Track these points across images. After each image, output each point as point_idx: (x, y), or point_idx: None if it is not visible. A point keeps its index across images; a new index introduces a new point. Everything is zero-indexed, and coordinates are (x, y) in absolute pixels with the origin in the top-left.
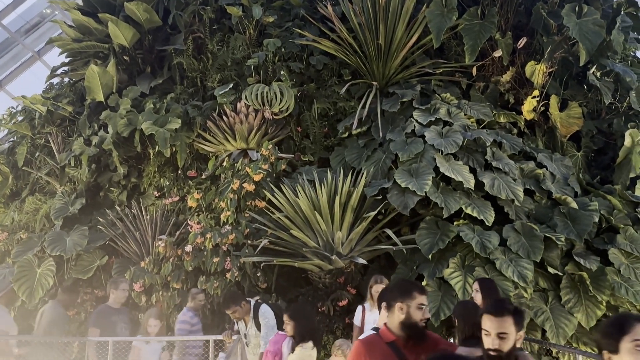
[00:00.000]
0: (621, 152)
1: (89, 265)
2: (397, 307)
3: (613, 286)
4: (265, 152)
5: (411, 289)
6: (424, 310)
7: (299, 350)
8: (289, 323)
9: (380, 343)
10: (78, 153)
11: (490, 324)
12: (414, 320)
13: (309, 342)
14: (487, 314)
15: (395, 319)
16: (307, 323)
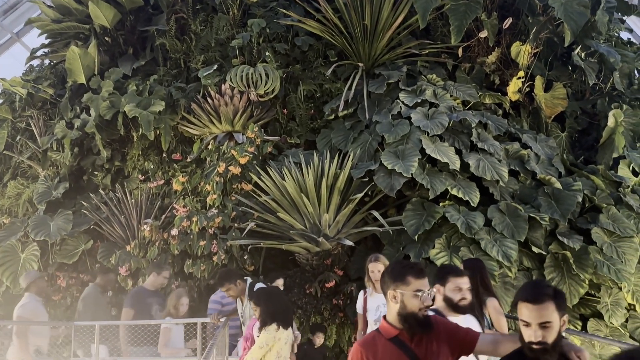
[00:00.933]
0: (604, 133)
1: (73, 249)
2: (390, 295)
3: (596, 265)
4: (251, 135)
5: (404, 273)
6: (422, 297)
7: (262, 333)
8: (255, 309)
9: (381, 341)
10: (60, 136)
11: (529, 313)
12: (411, 310)
13: (272, 324)
14: (524, 302)
15: (392, 309)
16: (268, 307)
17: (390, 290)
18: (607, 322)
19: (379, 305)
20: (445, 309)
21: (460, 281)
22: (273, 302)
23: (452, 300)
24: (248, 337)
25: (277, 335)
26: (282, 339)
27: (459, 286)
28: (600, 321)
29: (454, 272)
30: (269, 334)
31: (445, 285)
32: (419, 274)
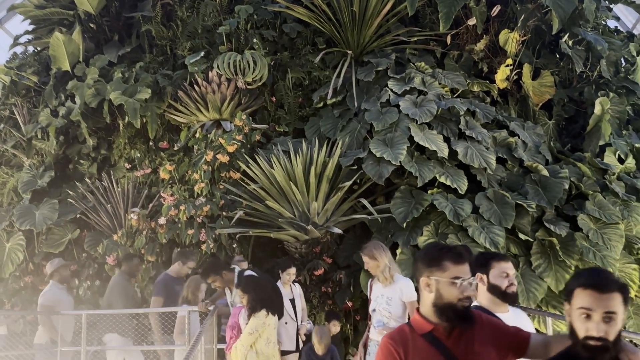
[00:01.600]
0: (591, 120)
1: (60, 239)
2: (423, 283)
3: (582, 251)
4: (239, 123)
5: (440, 257)
6: (461, 285)
7: (252, 320)
8: (243, 296)
9: (413, 336)
10: (45, 125)
11: (594, 302)
12: (448, 300)
13: (261, 310)
14: (589, 289)
15: (426, 300)
16: (257, 294)
17: (423, 277)
18: None
19: (378, 295)
20: (491, 302)
21: (506, 265)
22: (261, 289)
23: (500, 288)
24: (234, 325)
25: (267, 322)
26: (272, 325)
27: (504, 271)
28: None
29: (497, 257)
30: (259, 320)
31: (489, 272)
32: (457, 258)
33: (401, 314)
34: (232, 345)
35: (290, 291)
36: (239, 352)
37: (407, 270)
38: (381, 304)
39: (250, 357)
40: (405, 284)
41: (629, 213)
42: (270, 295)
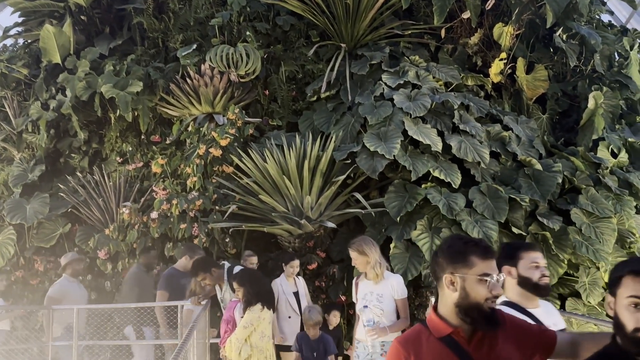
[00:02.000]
0: (585, 114)
1: (51, 233)
2: (446, 280)
3: (574, 245)
4: (232, 116)
5: (466, 252)
6: (490, 283)
7: (247, 314)
8: (239, 290)
9: (428, 339)
10: (35, 118)
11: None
12: (475, 300)
13: (256, 304)
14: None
15: (447, 299)
16: (253, 287)
17: (446, 274)
18: (584, 301)
19: (367, 293)
20: (521, 296)
21: (536, 255)
22: (257, 283)
23: (531, 280)
24: (229, 319)
25: (262, 315)
26: (267, 319)
27: (535, 261)
28: (578, 300)
29: (526, 246)
30: (254, 314)
31: (518, 264)
32: (485, 253)
33: (392, 311)
34: (226, 339)
35: (294, 284)
36: (233, 346)
37: (401, 264)
38: (372, 301)
39: (245, 350)
40: (397, 280)
41: (622, 207)
42: (265, 289)
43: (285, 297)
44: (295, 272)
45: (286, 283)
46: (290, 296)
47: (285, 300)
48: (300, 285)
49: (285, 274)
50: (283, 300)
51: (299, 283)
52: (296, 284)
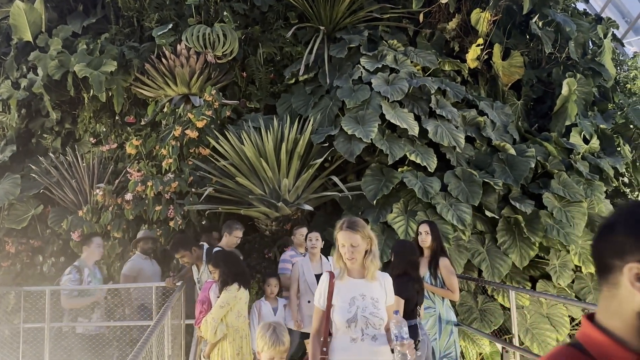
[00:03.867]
0: (558, 101)
1: (23, 214)
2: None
3: (546, 228)
4: (209, 98)
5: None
6: None
7: (223, 294)
8: (215, 271)
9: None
10: (6, 97)
11: None
12: None
13: (233, 284)
14: None
15: (626, 304)
16: (228, 268)
17: (632, 262)
18: (554, 283)
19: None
20: None
21: None
22: (233, 263)
23: None
24: (204, 300)
25: (238, 295)
26: (243, 299)
27: None
28: (548, 282)
29: None
30: (230, 294)
31: None
32: None
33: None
34: (201, 319)
35: (319, 265)
36: (209, 325)
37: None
38: (367, 307)
39: (220, 329)
40: (388, 279)
41: (592, 192)
42: (241, 270)
43: (305, 278)
44: (302, 240)
45: (308, 264)
46: (310, 278)
47: (305, 282)
48: (326, 267)
49: (296, 243)
50: (302, 282)
51: (326, 264)
52: (322, 265)
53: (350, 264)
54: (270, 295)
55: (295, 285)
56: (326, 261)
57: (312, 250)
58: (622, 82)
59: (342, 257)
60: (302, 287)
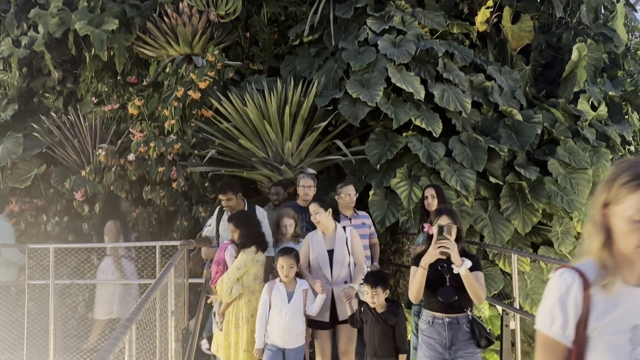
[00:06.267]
0: (567, 66)
1: (25, 174)
2: None
3: (550, 195)
4: (211, 58)
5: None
6: None
7: (241, 255)
8: (235, 231)
9: None
10: (7, 55)
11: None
12: None
13: (251, 247)
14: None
15: None
16: (248, 230)
17: None
18: (556, 250)
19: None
20: None
21: None
22: (253, 226)
23: None
24: (220, 261)
25: (256, 258)
26: (260, 262)
27: None
28: (550, 248)
29: None
30: (248, 256)
31: None
32: None
33: None
34: (217, 279)
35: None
36: (224, 285)
37: (380, 211)
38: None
39: (236, 289)
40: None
41: (598, 159)
42: (260, 232)
43: (314, 256)
44: (349, 201)
45: (318, 237)
46: (320, 256)
47: (314, 260)
48: (340, 239)
49: (341, 205)
50: (311, 260)
51: (339, 237)
52: (335, 238)
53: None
54: (284, 278)
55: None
56: (341, 233)
57: (350, 204)
58: (633, 48)
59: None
60: (312, 266)
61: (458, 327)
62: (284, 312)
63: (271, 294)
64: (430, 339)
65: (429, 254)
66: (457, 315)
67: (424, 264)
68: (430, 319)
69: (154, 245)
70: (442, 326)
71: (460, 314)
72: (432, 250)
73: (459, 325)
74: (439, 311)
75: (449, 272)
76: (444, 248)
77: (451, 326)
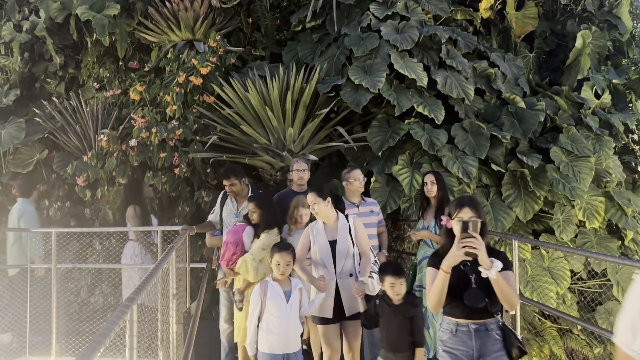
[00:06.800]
0: (571, 54)
1: (28, 159)
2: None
3: (552, 182)
4: (213, 44)
5: None
6: None
7: (264, 236)
8: (255, 211)
9: None
10: (8, 40)
11: None
12: None
13: (274, 229)
14: None
15: None
16: (272, 211)
17: None
18: (557, 237)
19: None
20: None
21: None
22: (275, 208)
23: None
24: (238, 242)
25: (277, 240)
26: None
27: None
28: (551, 236)
29: None
30: (272, 237)
31: None
32: None
33: None
34: (235, 260)
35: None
36: (249, 266)
37: (381, 198)
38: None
39: (261, 269)
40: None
41: (601, 147)
42: (280, 215)
43: (317, 248)
44: (358, 186)
45: (320, 228)
46: (322, 248)
47: (314, 252)
48: (342, 229)
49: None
50: (313, 253)
51: (341, 227)
52: (338, 228)
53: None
54: (280, 276)
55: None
56: (344, 222)
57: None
58: (638, 36)
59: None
60: (314, 259)
61: (487, 334)
62: (284, 313)
63: (265, 294)
64: (455, 351)
65: (452, 256)
66: (485, 321)
67: (446, 267)
68: (453, 328)
69: (156, 230)
70: (468, 335)
71: (489, 319)
72: (455, 251)
73: (488, 333)
74: (464, 317)
75: (473, 272)
76: (470, 248)
77: (479, 334)
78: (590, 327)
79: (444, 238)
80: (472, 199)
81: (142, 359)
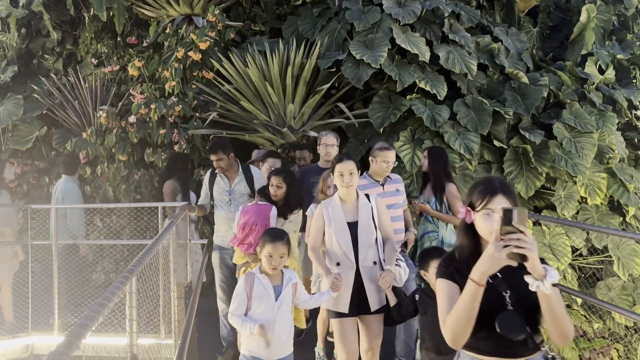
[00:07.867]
0: (576, 28)
1: (27, 135)
2: None
3: (554, 158)
4: (212, 19)
5: None
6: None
7: (294, 217)
8: (281, 187)
9: None
10: (4, 15)
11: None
12: None
13: (300, 210)
14: None
15: None
16: (299, 189)
17: None
18: (559, 214)
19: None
20: None
21: None
22: (299, 185)
23: None
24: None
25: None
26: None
27: None
28: (553, 213)
29: None
30: (299, 218)
31: None
32: None
33: None
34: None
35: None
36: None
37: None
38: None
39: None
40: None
41: (604, 123)
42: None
43: (332, 230)
44: (384, 167)
45: (337, 206)
46: (340, 230)
47: (330, 235)
48: (364, 210)
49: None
50: (327, 236)
51: (362, 207)
52: (358, 208)
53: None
54: (271, 270)
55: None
56: (365, 202)
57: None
58: None
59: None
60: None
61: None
62: (271, 313)
63: (251, 288)
64: None
65: (488, 259)
66: (526, 359)
67: (478, 276)
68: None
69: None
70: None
71: (533, 355)
72: (493, 252)
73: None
74: (494, 354)
75: (508, 287)
76: (519, 249)
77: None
78: (591, 300)
79: (462, 236)
80: (504, 182)
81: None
